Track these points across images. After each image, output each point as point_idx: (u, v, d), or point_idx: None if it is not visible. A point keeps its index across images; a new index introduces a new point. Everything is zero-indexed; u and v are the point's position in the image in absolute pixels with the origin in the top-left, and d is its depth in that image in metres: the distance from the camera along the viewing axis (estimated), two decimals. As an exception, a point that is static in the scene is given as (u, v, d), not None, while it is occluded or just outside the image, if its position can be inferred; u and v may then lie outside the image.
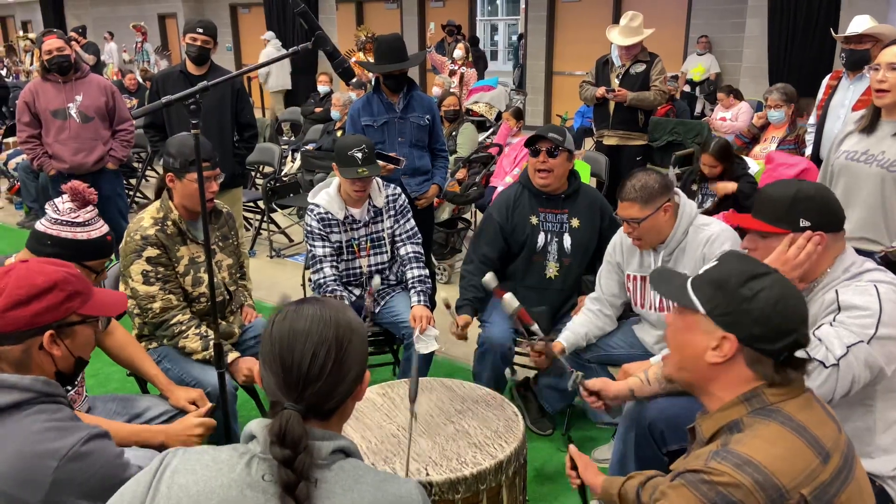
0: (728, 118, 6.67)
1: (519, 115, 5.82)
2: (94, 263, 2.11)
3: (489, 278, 2.53)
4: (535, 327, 2.50)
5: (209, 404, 2.25)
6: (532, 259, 2.99)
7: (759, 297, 1.26)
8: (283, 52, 12.15)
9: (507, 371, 2.38)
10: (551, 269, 2.99)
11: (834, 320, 1.68)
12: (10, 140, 6.96)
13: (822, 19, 6.60)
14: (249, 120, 3.98)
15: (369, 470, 1.13)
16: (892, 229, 2.62)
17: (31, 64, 10.79)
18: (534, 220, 2.98)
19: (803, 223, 1.70)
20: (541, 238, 2.97)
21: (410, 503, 1.11)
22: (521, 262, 3.02)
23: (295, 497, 1.03)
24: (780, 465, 1.18)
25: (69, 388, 2.05)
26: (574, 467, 1.81)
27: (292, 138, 8.08)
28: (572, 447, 1.86)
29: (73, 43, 4.67)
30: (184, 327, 2.52)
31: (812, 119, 4.17)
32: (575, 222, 2.98)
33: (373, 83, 3.79)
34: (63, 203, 2.11)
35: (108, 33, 14.01)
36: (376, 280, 2.97)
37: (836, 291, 1.71)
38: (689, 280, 1.38)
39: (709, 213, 3.91)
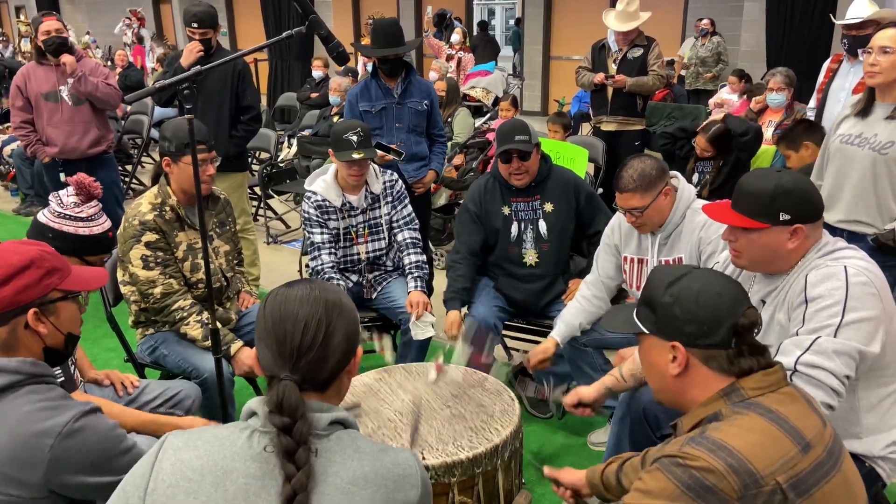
0: (733, 101, 6.61)
1: (514, 104, 5.77)
2: (93, 259, 2.13)
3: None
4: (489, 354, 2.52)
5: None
6: (508, 249, 2.99)
7: (680, 298, 1.34)
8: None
9: (499, 365, 2.40)
10: (530, 257, 2.99)
11: (802, 323, 1.68)
12: (6, 126, 6.91)
13: (820, 2, 6.56)
14: (249, 102, 3.93)
15: (367, 440, 1.18)
16: (884, 211, 2.64)
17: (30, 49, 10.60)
18: (506, 210, 2.98)
19: (783, 216, 1.72)
20: (514, 228, 2.97)
21: (408, 469, 1.17)
22: (498, 252, 3.02)
23: (294, 462, 1.07)
24: (755, 451, 1.19)
25: (71, 363, 2.05)
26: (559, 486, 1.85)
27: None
28: (545, 468, 1.89)
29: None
30: (185, 314, 2.52)
31: (812, 103, 4.15)
32: (548, 206, 2.96)
33: (368, 69, 3.76)
34: (68, 196, 2.11)
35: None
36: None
37: (806, 277, 1.72)
38: (635, 308, 1.46)
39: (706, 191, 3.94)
